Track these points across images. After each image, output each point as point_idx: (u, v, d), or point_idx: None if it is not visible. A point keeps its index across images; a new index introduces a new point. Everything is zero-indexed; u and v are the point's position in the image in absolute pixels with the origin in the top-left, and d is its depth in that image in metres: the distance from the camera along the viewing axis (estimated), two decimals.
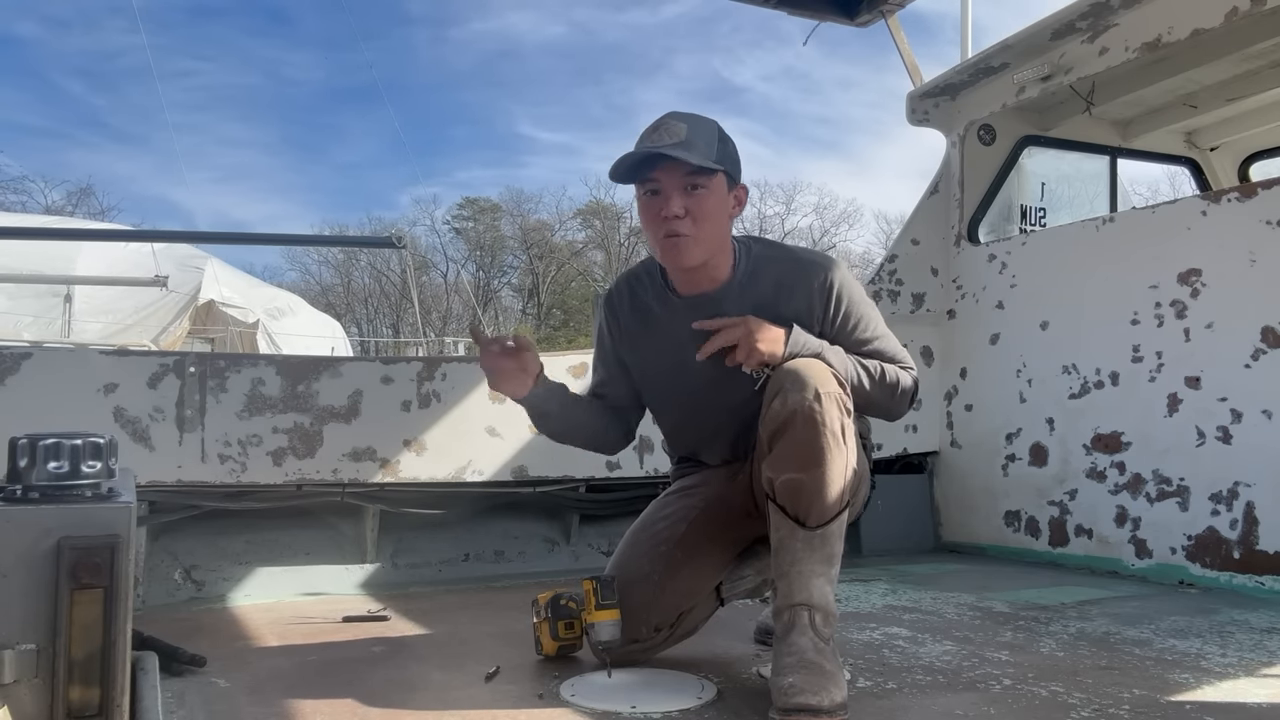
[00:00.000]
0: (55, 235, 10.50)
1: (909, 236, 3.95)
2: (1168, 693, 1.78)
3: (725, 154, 1.79)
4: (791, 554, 1.68)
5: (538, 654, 1.99)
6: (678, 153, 1.72)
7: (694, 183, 1.75)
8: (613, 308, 2.01)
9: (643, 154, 1.74)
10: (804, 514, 1.67)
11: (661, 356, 1.94)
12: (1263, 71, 3.67)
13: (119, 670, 1.13)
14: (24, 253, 10.34)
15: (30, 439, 1.17)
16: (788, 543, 1.69)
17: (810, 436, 1.65)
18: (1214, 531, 2.91)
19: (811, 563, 1.67)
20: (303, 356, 2.99)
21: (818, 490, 1.66)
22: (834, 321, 1.85)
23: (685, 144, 1.73)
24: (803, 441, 1.65)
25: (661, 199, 1.77)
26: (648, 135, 1.78)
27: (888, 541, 3.63)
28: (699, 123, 1.79)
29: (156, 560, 2.77)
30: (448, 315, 36.69)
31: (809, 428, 1.64)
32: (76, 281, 11.48)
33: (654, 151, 1.73)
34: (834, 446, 1.65)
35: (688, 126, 1.76)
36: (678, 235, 1.76)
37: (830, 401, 1.66)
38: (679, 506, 2.00)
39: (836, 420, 1.66)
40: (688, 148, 1.73)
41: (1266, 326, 2.83)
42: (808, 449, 1.65)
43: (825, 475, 1.65)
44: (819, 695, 1.56)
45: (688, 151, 1.73)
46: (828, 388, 1.67)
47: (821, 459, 1.65)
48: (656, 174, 1.76)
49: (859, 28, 4.12)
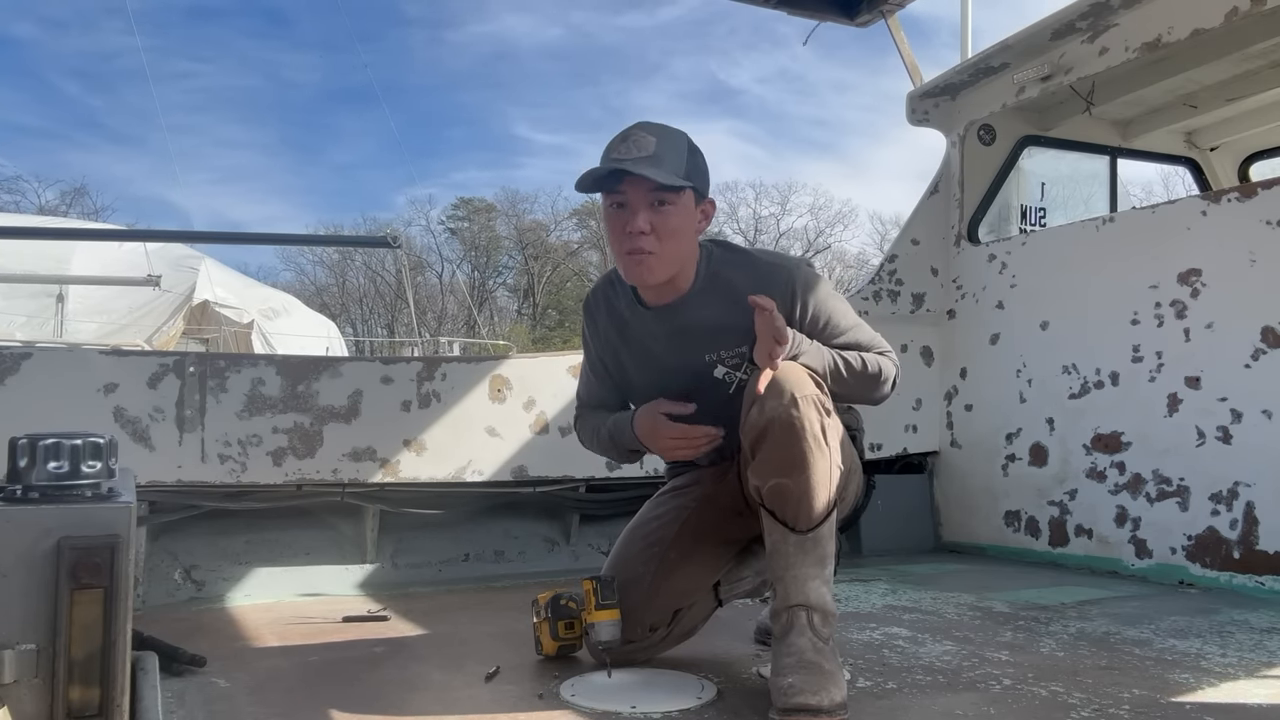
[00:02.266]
0: (49, 235, 10.49)
1: (909, 236, 3.95)
2: (1168, 693, 1.78)
3: (694, 167, 1.76)
4: (785, 558, 1.68)
5: (538, 654, 1.99)
6: (646, 170, 1.68)
7: (661, 198, 1.72)
8: (591, 315, 2.00)
9: (607, 169, 1.71)
10: (793, 518, 1.67)
11: (638, 364, 1.94)
12: (1263, 71, 3.67)
13: (119, 670, 1.13)
14: (17, 252, 10.32)
15: (30, 439, 1.17)
16: (780, 547, 1.68)
17: (790, 442, 1.64)
18: (1214, 531, 2.91)
19: (805, 565, 1.67)
20: (303, 356, 2.99)
21: (803, 495, 1.65)
22: (803, 323, 1.83)
23: (654, 158, 1.70)
24: (783, 448, 1.64)
25: (628, 213, 1.73)
26: (616, 146, 1.74)
27: (888, 541, 3.63)
28: (668, 135, 1.75)
29: (156, 560, 2.76)
30: (443, 315, 36.66)
31: (788, 434, 1.64)
32: (70, 281, 11.47)
33: (620, 168, 1.69)
34: (815, 450, 1.65)
35: (657, 140, 1.72)
36: (642, 252, 1.73)
37: (808, 405, 1.65)
38: (671, 507, 2.00)
39: (816, 423, 1.65)
40: (656, 162, 1.70)
41: (1266, 326, 2.83)
42: (789, 455, 1.64)
43: (810, 480, 1.65)
44: (819, 695, 1.56)
45: (656, 167, 1.69)
46: (804, 390, 1.66)
47: (804, 464, 1.64)
48: (624, 187, 1.72)
49: (859, 28, 4.12)
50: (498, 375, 3.10)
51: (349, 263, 37.38)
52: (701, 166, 1.79)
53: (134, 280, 11.07)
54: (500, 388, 3.09)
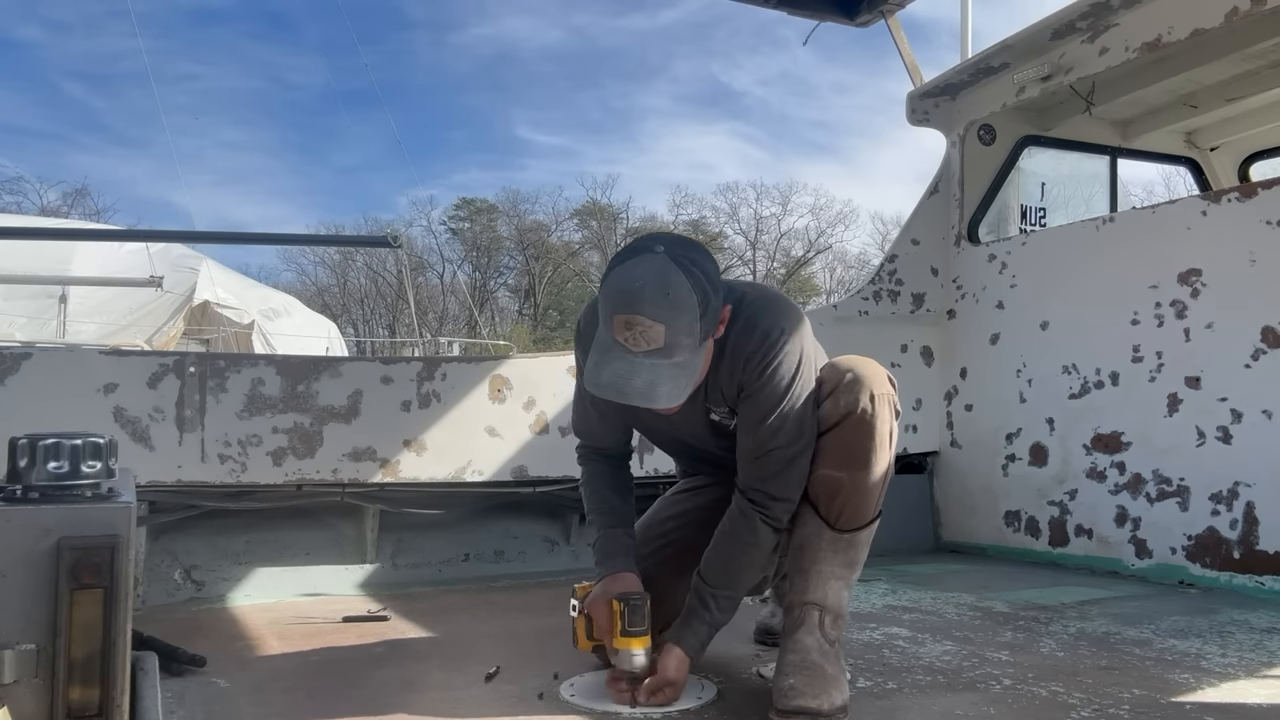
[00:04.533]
0: (50, 235, 10.48)
1: (909, 236, 3.94)
2: (1168, 693, 1.78)
3: (709, 313, 1.53)
4: (814, 552, 1.67)
5: (573, 645, 1.90)
6: (652, 401, 1.50)
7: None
8: (584, 344, 1.75)
9: (610, 391, 1.51)
10: (836, 515, 1.66)
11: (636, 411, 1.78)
12: (1263, 71, 3.67)
13: (119, 670, 1.13)
14: (19, 253, 10.32)
15: (30, 439, 1.16)
16: (812, 540, 1.67)
17: (862, 438, 1.63)
18: (1214, 531, 2.91)
19: (833, 564, 1.66)
20: (303, 357, 2.98)
21: (857, 493, 1.65)
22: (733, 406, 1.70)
23: (666, 349, 1.49)
24: (853, 441, 1.63)
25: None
26: (618, 327, 1.49)
27: (888, 541, 3.57)
28: (677, 303, 1.48)
29: (156, 560, 2.76)
30: (444, 316, 36.68)
31: (861, 429, 1.63)
32: (71, 282, 11.47)
33: (632, 403, 1.52)
34: (880, 450, 1.65)
35: (665, 326, 1.47)
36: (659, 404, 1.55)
37: (884, 404, 1.65)
38: (690, 507, 2.00)
39: (887, 424, 1.65)
40: (668, 353, 1.49)
41: (1266, 326, 2.83)
42: (857, 450, 1.64)
43: (868, 479, 1.65)
44: (818, 698, 1.56)
45: (670, 383, 1.50)
46: (881, 389, 1.65)
47: (868, 461, 1.64)
48: None
49: (859, 28, 4.12)
50: (498, 375, 3.10)
51: (350, 263, 37.41)
52: (712, 301, 1.54)
53: (137, 281, 11.08)
54: (500, 388, 3.09)
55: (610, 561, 1.81)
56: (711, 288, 1.54)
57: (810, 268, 39.59)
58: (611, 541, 1.84)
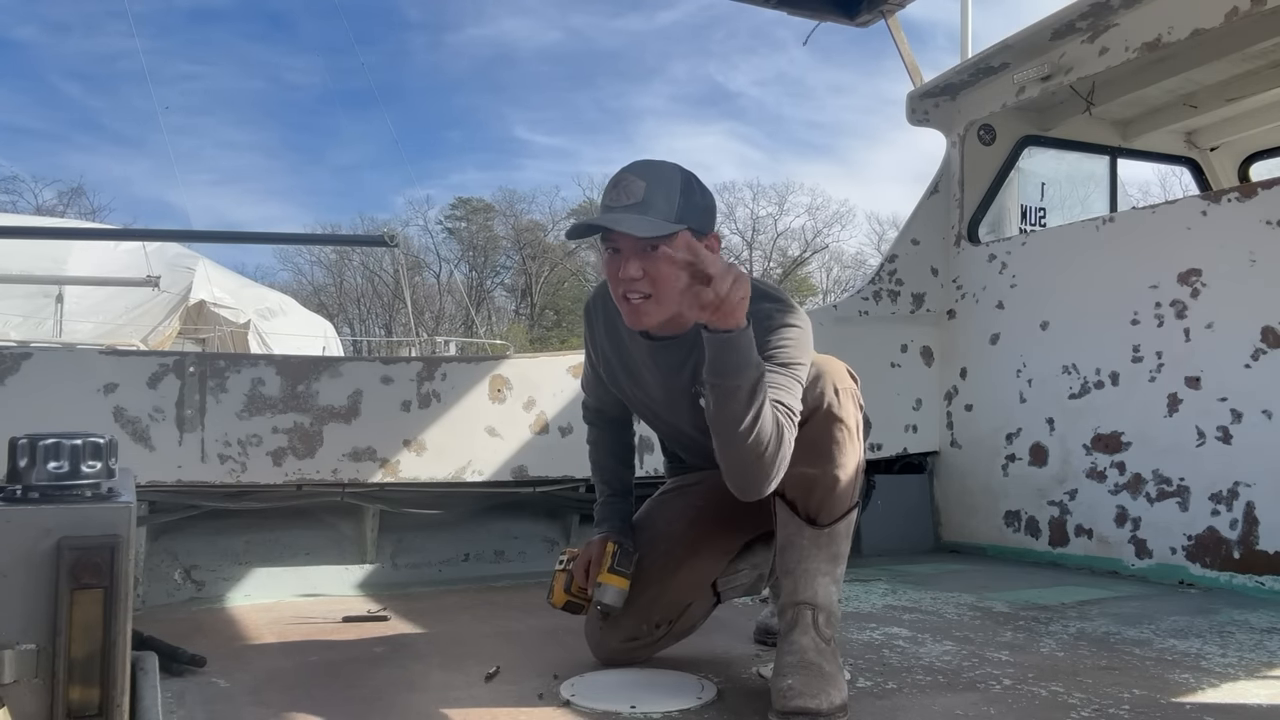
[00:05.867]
0: (46, 234, 10.46)
1: (909, 236, 3.94)
2: (1168, 693, 1.78)
3: (689, 206, 1.67)
4: (798, 552, 1.67)
5: (547, 600, 1.98)
6: (629, 226, 1.62)
7: (654, 243, 1.63)
8: (590, 322, 1.97)
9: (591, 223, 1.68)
10: (814, 511, 1.66)
11: (631, 381, 1.91)
12: (1263, 71, 3.67)
13: (119, 670, 1.12)
14: (14, 252, 10.30)
15: (30, 439, 1.16)
16: (795, 540, 1.68)
17: (828, 432, 1.64)
18: (1214, 531, 2.91)
19: (818, 561, 1.66)
20: (303, 356, 2.98)
21: (831, 487, 1.65)
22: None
23: (642, 204, 1.63)
24: (821, 437, 1.64)
25: (620, 259, 1.67)
26: (608, 192, 1.70)
27: (888, 541, 3.62)
28: (660, 176, 1.67)
29: (156, 560, 2.76)
30: (440, 315, 36.64)
31: (828, 423, 1.64)
32: (67, 282, 11.46)
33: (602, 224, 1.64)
34: (849, 442, 1.65)
35: (646, 184, 1.65)
36: (635, 297, 1.67)
37: (847, 397, 1.66)
38: (682, 504, 2.00)
39: (853, 417, 1.66)
40: (644, 208, 1.63)
41: (1266, 326, 2.83)
42: (825, 445, 1.64)
43: (840, 472, 1.65)
44: (818, 698, 1.56)
45: (641, 215, 1.63)
46: (844, 383, 1.66)
47: (838, 455, 1.64)
48: (616, 234, 1.66)
49: (859, 28, 4.12)
50: (498, 375, 3.10)
51: (346, 263, 37.38)
52: (699, 203, 1.69)
53: (133, 281, 11.06)
54: (500, 388, 3.09)
55: (608, 524, 1.98)
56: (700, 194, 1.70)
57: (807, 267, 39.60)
58: (609, 508, 2.02)
